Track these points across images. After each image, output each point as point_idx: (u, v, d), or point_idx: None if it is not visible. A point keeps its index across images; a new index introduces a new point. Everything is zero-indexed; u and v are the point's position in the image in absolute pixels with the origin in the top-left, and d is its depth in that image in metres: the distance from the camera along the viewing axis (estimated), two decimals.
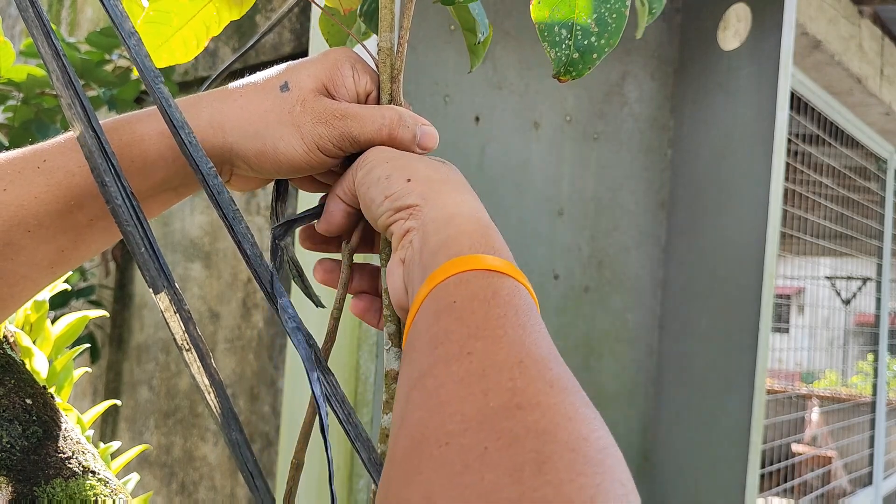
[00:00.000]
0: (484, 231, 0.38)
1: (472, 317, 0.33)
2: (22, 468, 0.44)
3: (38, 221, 0.40)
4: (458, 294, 0.34)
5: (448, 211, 0.40)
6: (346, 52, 0.46)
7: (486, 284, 0.35)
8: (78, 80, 0.37)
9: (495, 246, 0.38)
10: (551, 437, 0.27)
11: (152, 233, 0.36)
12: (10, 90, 1.58)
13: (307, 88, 0.44)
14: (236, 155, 0.44)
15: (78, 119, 0.36)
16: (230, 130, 0.43)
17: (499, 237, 0.39)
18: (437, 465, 0.27)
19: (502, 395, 0.29)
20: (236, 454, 0.34)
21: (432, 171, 0.43)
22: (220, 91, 0.44)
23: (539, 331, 0.33)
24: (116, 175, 0.36)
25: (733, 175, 1.67)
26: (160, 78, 0.38)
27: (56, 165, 0.40)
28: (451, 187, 0.42)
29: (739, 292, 1.62)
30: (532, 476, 0.25)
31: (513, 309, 0.34)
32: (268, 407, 1.57)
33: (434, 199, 0.41)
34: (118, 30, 0.37)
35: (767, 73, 1.61)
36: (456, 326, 0.33)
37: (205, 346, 0.35)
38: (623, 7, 0.41)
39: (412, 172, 0.42)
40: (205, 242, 1.77)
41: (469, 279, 0.35)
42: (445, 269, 0.36)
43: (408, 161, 0.43)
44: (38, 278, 0.42)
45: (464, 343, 0.32)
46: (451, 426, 0.28)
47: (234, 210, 0.39)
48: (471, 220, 0.39)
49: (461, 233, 0.38)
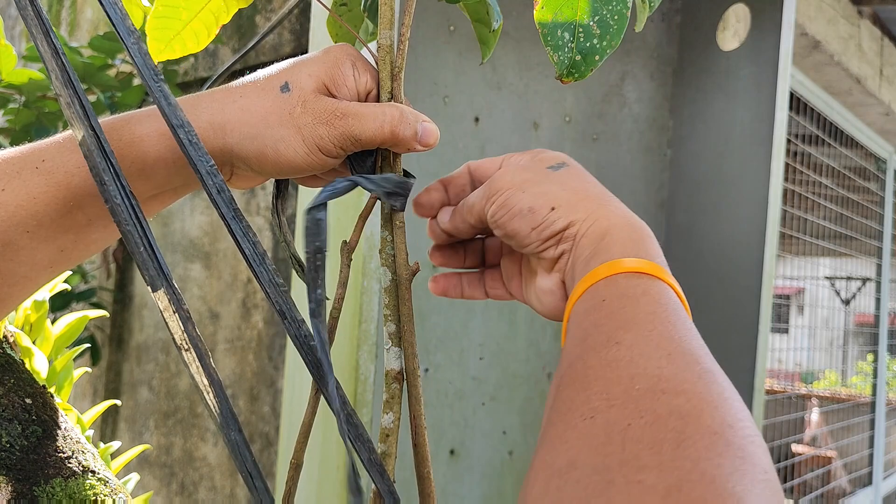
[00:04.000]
0: (637, 237, 0.40)
1: (621, 312, 0.34)
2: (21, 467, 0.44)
3: (38, 221, 0.39)
4: (607, 293, 0.36)
5: (600, 225, 0.41)
6: (346, 50, 0.46)
7: (636, 284, 0.36)
8: (77, 78, 0.37)
9: (648, 250, 0.39)
10: (694, 419, 0.27)
11: (151, 232, 0.36)
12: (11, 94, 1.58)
13: (308, 89, 0.43)
14: (237, 156, 0.43)
15: (77, 118, 0.36)
16: (230, 132, 0.42)
17: (651, 241, 0.40)
18: (582, 435, 0.28)
19: (649, 380, 0.29)
20: (235, 454, 0.33)
21: (570, 191, 0.43)
22: (220, 91, 0.44)
23: (688, 328, 0.34)
24: (115, 174, 0.36)
25: (733, 175, 1.67)
26: (160, 76, 0.38)
27: (55, 165, 0.40)
28: (595, 202, 0.42)
29: (739, 292, 1.62)
30: (671, 450, 0.26)
31: (661, 306, 0.34)
32: (267, 407, 1.57)
33: (584, 217, 0.42)
34: (116, 28, 0.37)
35: (767, 73, 1.61)
36: (606, 320, 0.34)
37: (204, 345, 0.35)
38: (624, 9, 0.42)
39: (553, 199, 0.42)
40: (205, 243, 1.77)
41: (619, 280, 0.36)
42: (596, 272, 0.37)
43: (544, 186, 0.43)
44: (37, 277, 0.42)
45: (612, 333, 0.33)
46: (596, 402, 0.29)
47: (234, 209, 0.39)
48: (623, 228, 0.40)
49: (614, 241, 0.39)
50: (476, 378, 1.50)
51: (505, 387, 1.55)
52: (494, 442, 1.53)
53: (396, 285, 0.45)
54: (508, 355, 1.55)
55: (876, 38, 2.75)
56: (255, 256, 0.38)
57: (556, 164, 0.46)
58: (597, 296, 0.36)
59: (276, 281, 0.39)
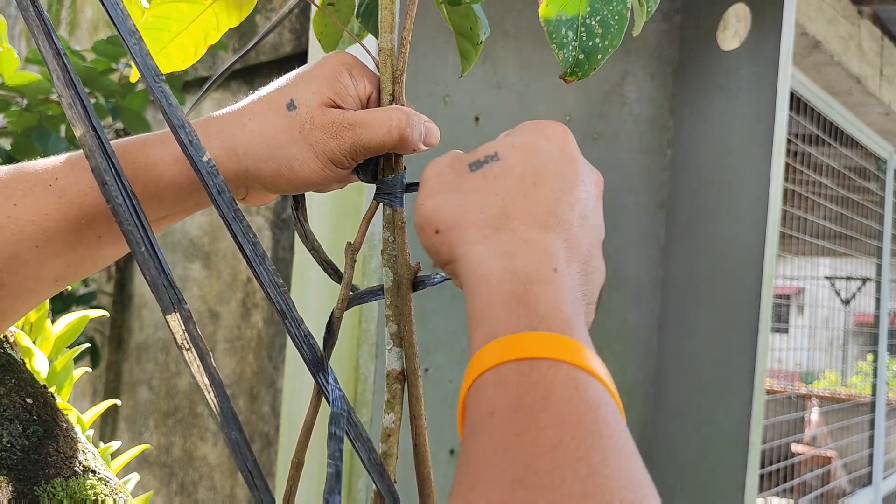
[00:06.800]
0: (522, 291, 0.31)
1: (516, 445, 0.25)
2: (22, 467, 0.44)
3: (48, 237, 0.40)
4: (497, 402, 0.27)
5: (475, 271, 0.33)
6: (341, 59, 0.46)
7: (532, 384, 0.27)
8: (78, 79, 0.37)
9: (541, 311, 0.30)
10: None
11: (153, 232, 0.36)
12: (13, 96, 1.58)
13: (314, 104, 0.44)
14: (253, 177, 0.44)
15: (79, 118, 0.36)
16: (244, 155, 0.43)
17: (548, 290, 0.31)
18: None
19: None
20: (235, 454, 0.34)
21: (467, 207, 0.35)
22: (228, 115, 0.44)
23: (614, 454, 0.25)
24: (116, 174, 0.36)
25: (733, 175, 1.67)
26: (161, 77, 0.38)
27: (68, 184, 0.40)
28: (486, 228, 0.34)
29: (739, 292, 1.62)
30: None
31: (572, 425, 0.25)
32: (267, 407, 1.57)
33: (461, 255, 0.34)
34: (118, 28, 0.37)
35: (767, 73, 1.61)
36: (496, 458, 0.25)
37: (204, 345, 0.35)
38: (624, 9, 0.42)
39: (442, 218, 0.36)
40: (204, 242, 1.77)
41: (509, 376, 0.28)
42: (480, 359, 0.29)
43: (442, 198, 0.37)
44: (41, 291, 0.43)
45: (504, 490, 0.24)
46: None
47: (234, 210, 0.39)
48: (502, 279, 0.31)
49: (493, 299, 0.31)
50: None
51: None
52: None
53: (398, 285, 0.45)
54: None
55: (876, 38, 2.75)
56: (256, 257, 0.39)
57: (481, 158, 0.37)
58: (484, 403, 0.27)
59: (276, 281, 0.39)
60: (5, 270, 0.39)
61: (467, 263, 0.33)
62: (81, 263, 0.43)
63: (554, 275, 0.32)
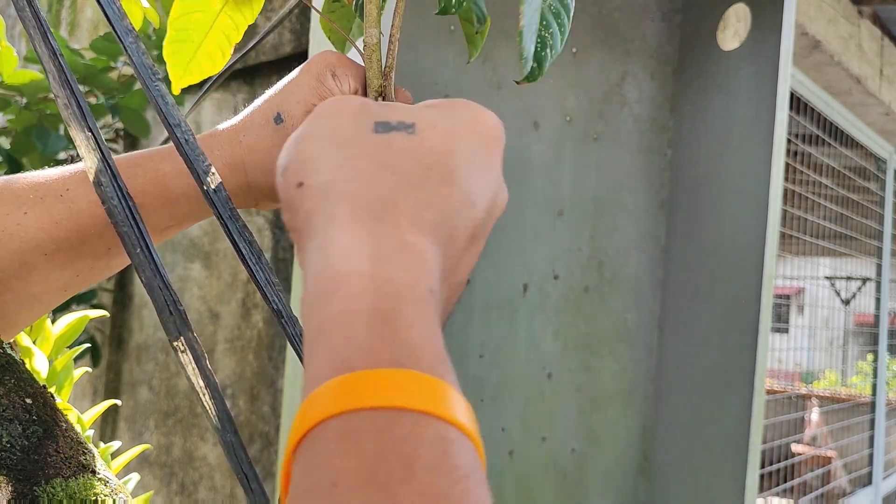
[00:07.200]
0: (390, 309, 0.23)
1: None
2: (22, 467, 0.44)
3: (57, 246, 0.40)
4: (342, 468, 0.20)
5: (333, 265, 0.25)
6: (324, 60, 0.45)
7: (392, 447, 0.20)
8: (74, 79, 0.37)
9: (412, 340, 0.23)
10: None
11: (149, 233, 0.36)
12: (12, 95, 1.58)
13: (298, 116, 0.44)
14: (256, 190, 0.45)
15: (75, 118, 0.36)
16: (248, 170, 0.44)
17: (420, 313, 0.24)
18: None
19: None
20: (231, 456, 0.34)
21: (343, 171, 0.27)
22: (226, 132, 0.45)
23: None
24: (112, 175, 0.36)
25: (733, 175, 1.67)
26: (157, 75, 0.38)
27: (78, 195, 0.41)
28: (350, 211, 0.26)
29: (739, 292, 1.62)
30: None
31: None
32: (267, 407, 1.57)
33: (319, 231, 0.26)
34: (114, 27, 0.38)
35: (767, 73, 1.61)
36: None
37: (200, 347, 0.35)
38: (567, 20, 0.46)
39: (311, 171, 0.28)
40: (204, 242, 1.77)
41: (361, 431, 0.20)
42: (321, 400, 0.21)
43: (324, 146, 0.29)
44: (48, 299, 0.43)
45: None
46: None
47: (230, 209, 0.39)
48: (367, 286, 0.24)
49: (350, 311, 0.23)
50: (476, 377, 1.50)
51: (504, 386, 1.55)
52: (494, 442, 1.53)
53: None
54: (508, 355, 1.55)
55: (876, 38, 2.75)
56: (251, 256, 0.39)
57: (393, 122, 0.30)
58: (325, 467, 0.20)
59: (272, 280, 0.39)
60: (14, 277, 0.40)
61: (324, 249, 0.25)
62: (90, 273, 0.43)
63: (429, 296, 0.25)
